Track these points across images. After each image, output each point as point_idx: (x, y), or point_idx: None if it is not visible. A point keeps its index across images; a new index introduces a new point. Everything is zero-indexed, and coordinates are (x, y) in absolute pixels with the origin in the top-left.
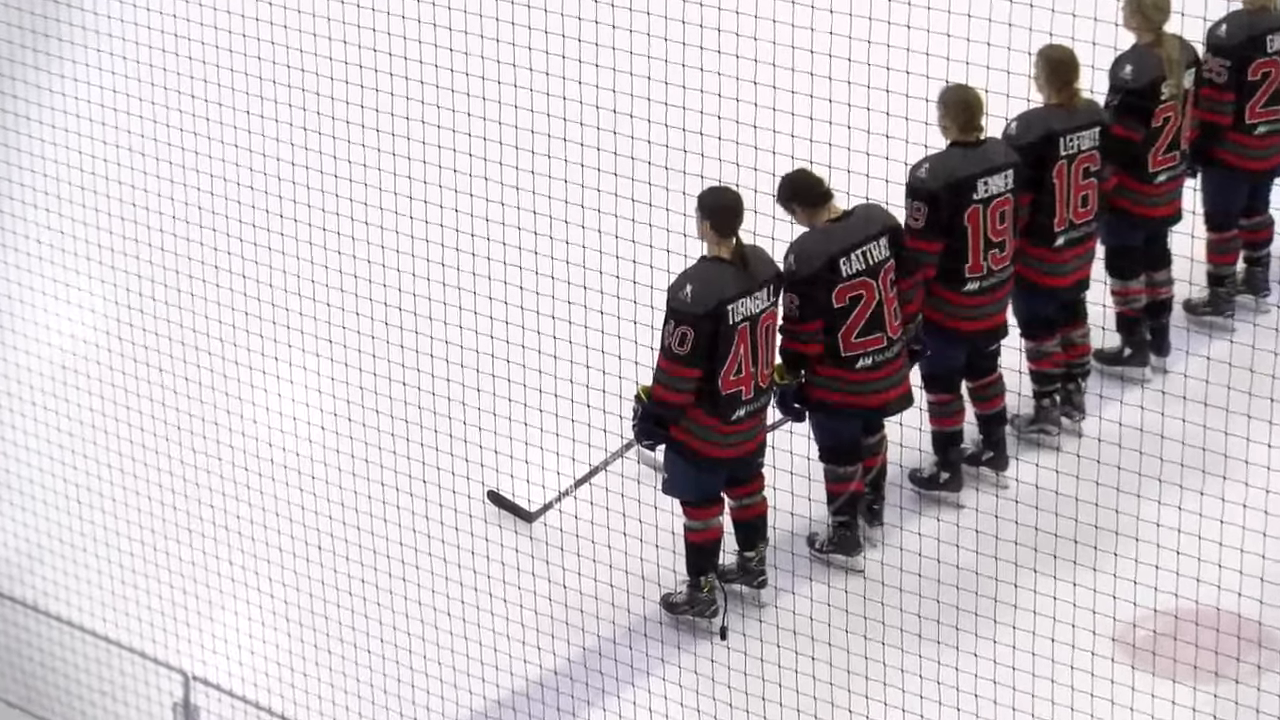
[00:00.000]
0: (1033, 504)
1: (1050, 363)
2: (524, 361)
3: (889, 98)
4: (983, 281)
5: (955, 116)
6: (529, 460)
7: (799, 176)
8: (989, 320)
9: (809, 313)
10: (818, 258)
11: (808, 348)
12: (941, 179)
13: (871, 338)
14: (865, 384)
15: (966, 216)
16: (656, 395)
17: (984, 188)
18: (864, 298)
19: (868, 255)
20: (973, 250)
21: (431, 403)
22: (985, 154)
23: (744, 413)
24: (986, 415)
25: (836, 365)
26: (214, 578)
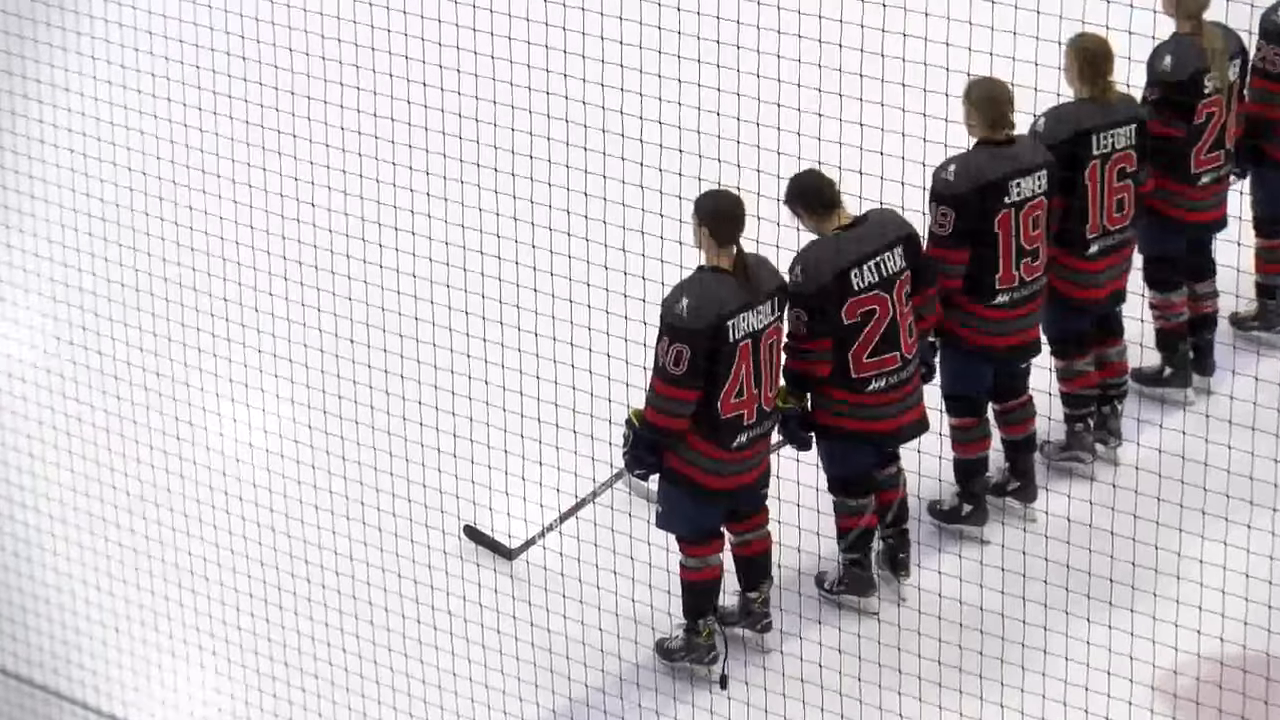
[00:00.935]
0: (1064, 539)
1: (1083, 383)
2: (504, 382)
3: (905, 91)
4: (1014, 293)
5: (983, 112)
6: (509, 492)
7: (806, 178)
8: (1020, 336)
9: (817, 330)
10: (827, 270)
11: (815, 368)
12: (970, 181)
13: (885, 357)
14: (878, 408)
15: (997, 222)
16: (649, 419)
17: (1016, 190)
18: (877, 313)
19: (882, 266)
20: (1004, 259)
21: (401, 428)
22: (1016, 153)
23: (746, 439)
24: (1015, 441)
25: (846, 387)
26: (165, 621)
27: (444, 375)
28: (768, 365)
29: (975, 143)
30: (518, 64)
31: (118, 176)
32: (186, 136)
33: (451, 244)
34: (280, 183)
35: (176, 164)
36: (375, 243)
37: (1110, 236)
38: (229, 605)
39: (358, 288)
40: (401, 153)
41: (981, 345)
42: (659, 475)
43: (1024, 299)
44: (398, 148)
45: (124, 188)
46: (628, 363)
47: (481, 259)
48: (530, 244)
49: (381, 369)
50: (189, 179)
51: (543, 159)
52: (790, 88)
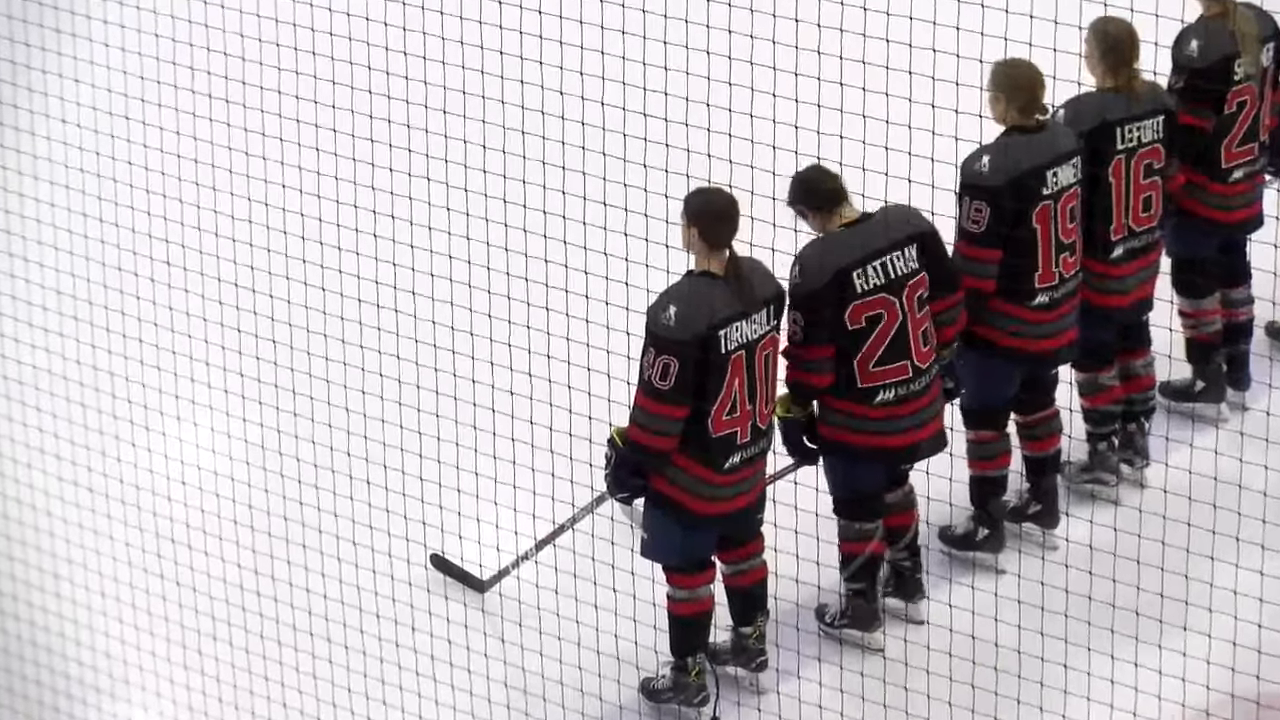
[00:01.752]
0: (1086, 568)
1: (1107, 398)
2: (474, 398)
3: (912, 80)
4: (1054, 292)
5: (1014, 97)
6: (480, 518)
7: (807, 173)
8: (1058, 338)
9: (816, 335)
10: (825, 269)
11: (816, 378)
12: (1006, 173)
13: (893, 366)
14: (887, 421)
15: (1035, 216)
16: (633, 438)
17: (1053, 180)
18: (884, 318)
19: (889, 267)
20: (1043, 256)
21: (363, 448)
22: (1051, 140)
23: (739, 459)
24: (1038, 459)
25: (852, 399)
26: (104, 660)
27: (408, 390)
28: (763, 379)
29: (1004, 130)
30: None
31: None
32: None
33: (418, 248)
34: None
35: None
36: (335, 246)
37: (1136, 238)
38: (175, 643)
39: (315, 296)
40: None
41: (1014, 349)
42: (644, 499)
43: (1063, 298)
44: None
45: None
46: (609, 376)
47: (450, 264)
48: (503, 248)
49: (340, 384)
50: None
51: (516, 154)
52: (787, 76)
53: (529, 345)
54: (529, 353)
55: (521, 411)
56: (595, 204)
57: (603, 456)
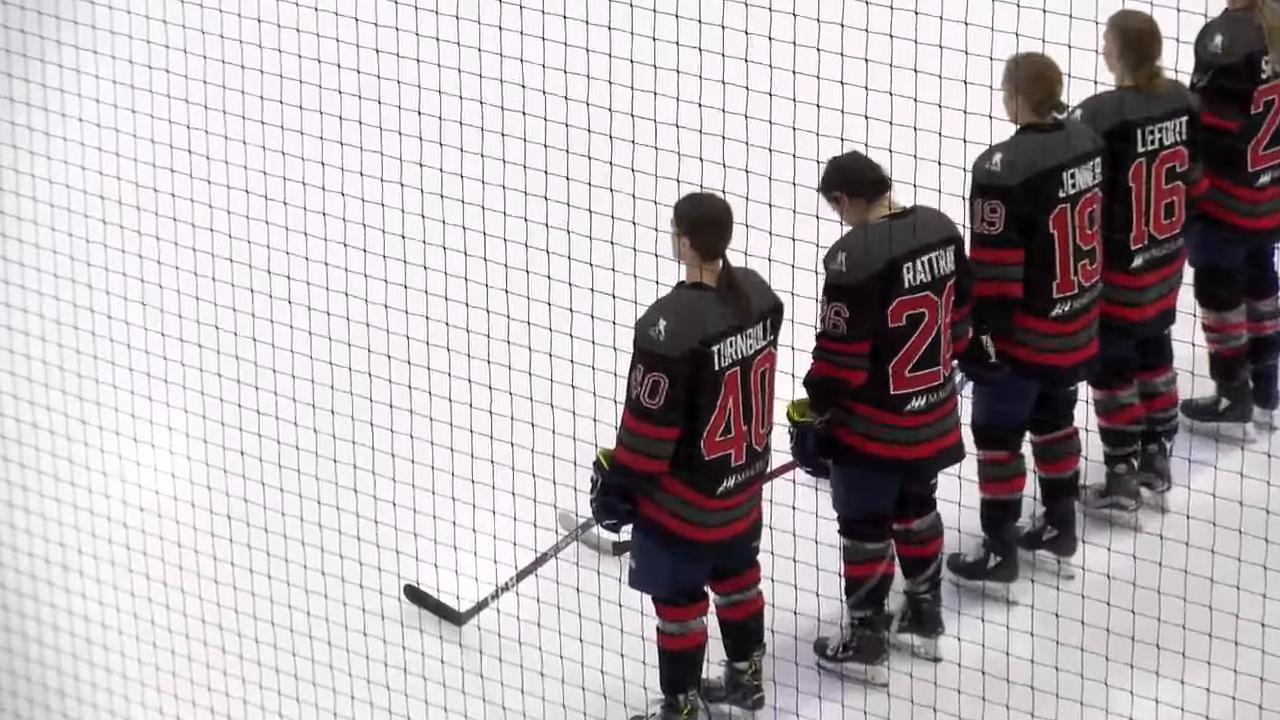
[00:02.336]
0: (1104, 599)
1: (1126, 418)
2: (450, 418)
3: (918, 79)
4: (1073, 302)
5: (1030, 92)
6: (457, 546)
7: (849, 158)
8: (1077, 353)
9: (860, 329)
10: (877, 258)
11: (853, 375)
12: (1020, 172)
13: (927, 372)
14: (913, 430)
15: (1052, 220)
16: (621, 461)
17: (1070, 182)
18: (925, 319)
19: (935, 264)
20: (1061, 263)
21: (331, 471)
22: (1068, 139)
23: (734, 483)
24: (1054, 481)
25: (880, 405)
26: (56, 698)
27: (380, 410)
28: (759, 398)
29: (1019, 128)
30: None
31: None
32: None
33: (391, 258)
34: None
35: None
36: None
37: (1157, 246)
38: (132, 679)
39: (281, 309)
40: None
41: (1030, 363)
42: (632, 526)
43: (1082, 309)
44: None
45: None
46: (595, 395)
47: (425, 275)
48: (481, 258)
49: (308, 403)
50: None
51: (494, 158)
52: (784, 73)
53: (509, 362)
54: (509, 370)
55: (501, 432)
56: (579, 211)
57: (588, 480)
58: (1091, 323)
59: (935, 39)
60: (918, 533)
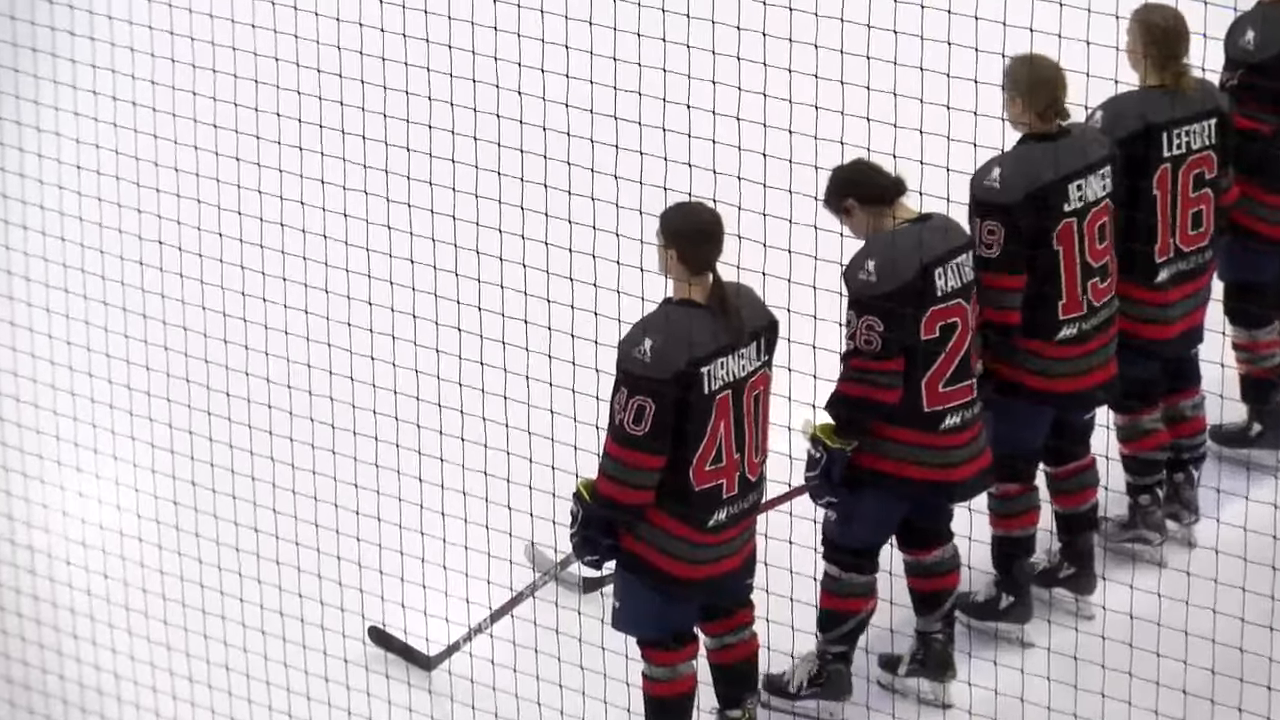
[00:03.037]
0: (1126, 640)
1: (1151, 444)
2: (418, 445)
3: (924, 78)
4: (1083, 323)
5: (1030, 98)
6: (426, 584)
7: (857, 164)
8: (1090, 377)
9: (893, 344)
10: (909, 264)
11: (889, 395)
12: (1021, 187)
13: (961, 386)
14: (947, 452)
15: (1057, 236)
16: (603, 492)
17: (1077, 194)
18: (957, 328)
19: (962, 270)
20: (1068, 282)
21: (291, 504)
22: (1075, 147)
23: (725, 516)
24: (1070, 515)
25: (914, 425)
26: None
27: (342, 438)
28: (753, 423)
29: (1020, 138)
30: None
31: None
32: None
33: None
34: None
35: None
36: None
37: (1184, 260)
38: None
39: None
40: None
41: (1038, 390)
42: (615, 563)
43: (1095, 329)
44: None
45: None
46: (575, 421)
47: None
48: (452, 271)
49: (264, 429)
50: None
51: (466, 164)
52: (779, 72)
53: (482, 385)
54: (482, 393)
55: (473, 461)
56: (558, 221)
57: (568, 513)
58: (1107, 344)
59: (943, 34)
60: (933, 565)
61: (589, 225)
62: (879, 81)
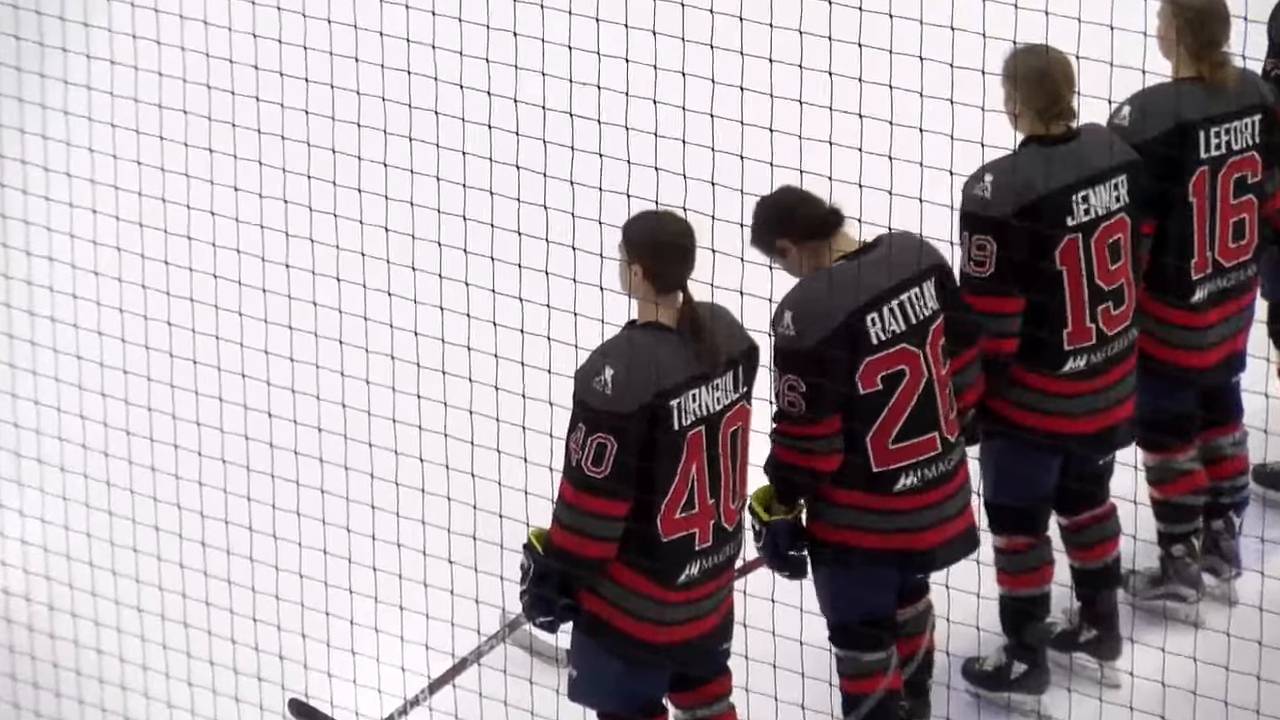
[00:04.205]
0: (1157, 712)
1: (1185, 487)
2: (347, 491)
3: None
4: (1091, 355)
5: (1030, 95)
6: (356, 650)
7: (783, 196)
8: (1104, 416)
9: (823, 405)
10: (831, 313)
11: (823, 462)
12: (1016, 197)
13: (918, 440)
14: (910, 515)
15: (1059, 254)
16: (557, 544)
17: (1083, 206)
18: (905, 376)
19: (910, 308)
20: (1074, 307)
21: (200, 558)
22: (1081, 152)
23: (698, 571)
24: (1089, 571)
25: (864, 487)
26: None
27: (259, 483)
28: (730, 464)
29: (1021, 141)
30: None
31: None
32: None
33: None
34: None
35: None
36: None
37: (1224, 276)
38: None
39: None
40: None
41: (1045, 431)
42: (573, 625)
43: (1107, 362)
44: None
45: None
46: (526, 462)
47: (314, 314)
48: (385, 291)
49: (170, 473)
50: None
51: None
52: (758, 62)
53: (419, 420)
54: (419, 430)
55: (411, 509)
56: (506, 233)
57: (518, 568)
58: (1123, 378)
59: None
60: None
61: (540, 238)
62: (873, 72)
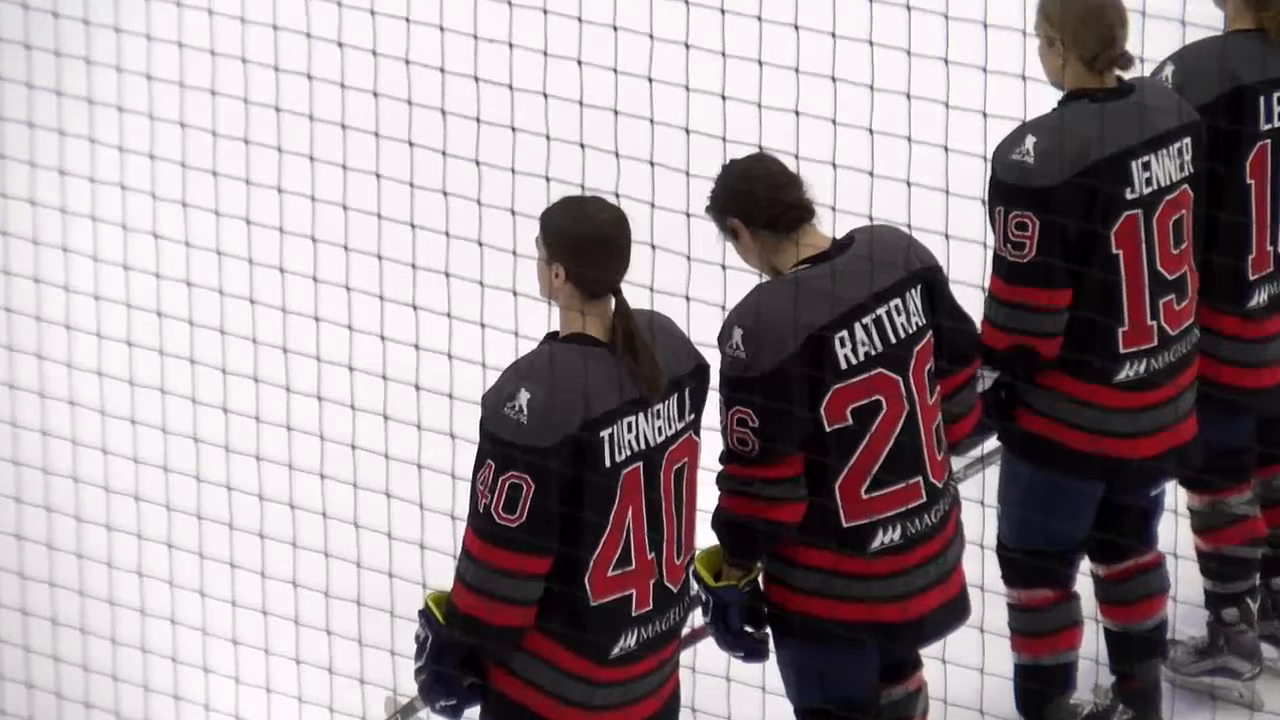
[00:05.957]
0: None
1: (1239, 537)
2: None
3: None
4: (1152, 360)
5: (1079, 39)
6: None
7: (749, 166)
8: (1162, 436)
9: (776, 443)
10: (791, 332)
11: (780, 512)
12: (1067, 164)
13: (898, 488)
14: (887, 580)
15: (1116, 234)
16: (462, 609)
17: (1143, 175)
18: (882, 409)
19: (888, 325)
20: (1132, 300)
21: (19, 628)
22: (1142, 109)
23: (635, 643)
24: (1130, 635)
25: (832, 545)
26: None
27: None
28: (673, 509)
29: (1065, 94)
30: None
31: None
32: None
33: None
34: None
35: None
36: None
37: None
38: None
39: None
40: None
41: (1086, 455)
42: (480, 710)
43: (1169, 369)
44: None
45: None
46: (421, 507)
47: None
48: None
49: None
50: None
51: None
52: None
53: (289, 458)
54: (289, 469)
55: (277, 567)
56: (396, 225)
57: (412, 639)
58: (1183, 390)
59: None
60: (889, 708)
61: (439, 230)
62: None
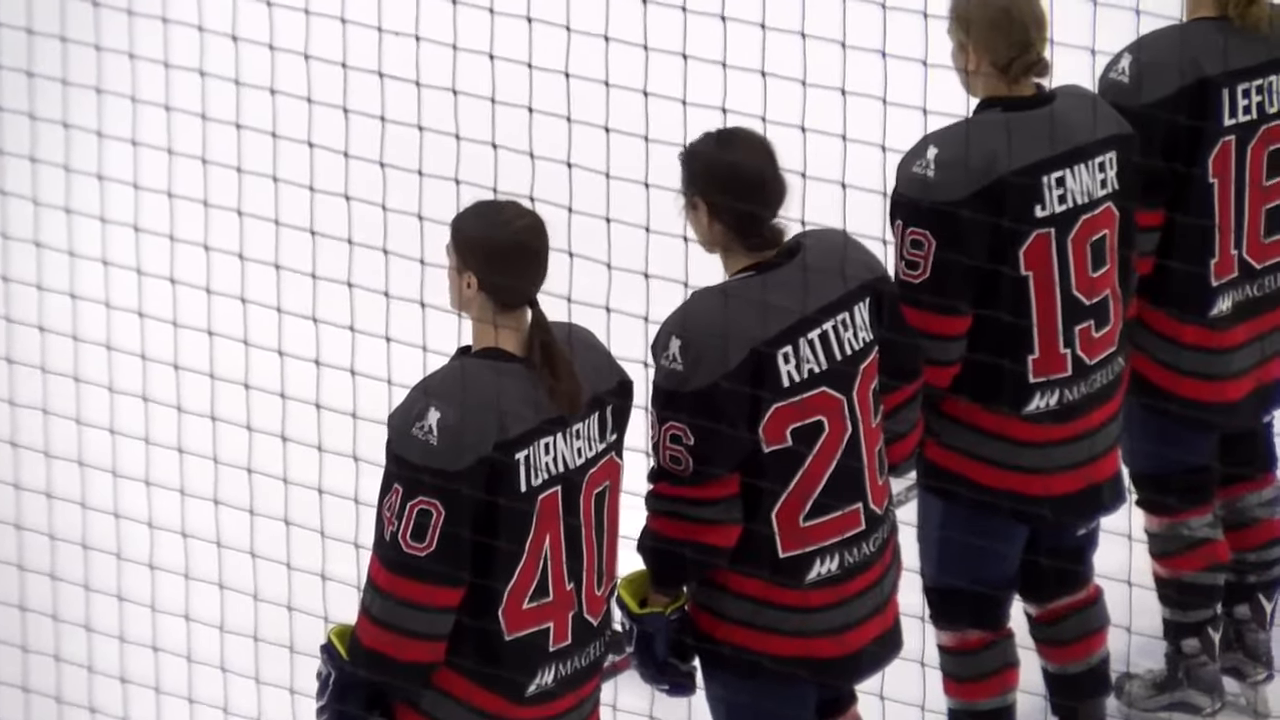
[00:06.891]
0: None
1: (1200, 561)
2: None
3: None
4: (1066, 391)
5: (989, 44)
6: None
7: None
8: (1082, 473)
9: (712, 462)
10: (733, 345)
11: (715, 536)
12: (968, 178)
13: (838, 515)
14: (823, 612)
15: (1024, 255)
16: (367, 645)
17: (1058, 192)
18: (824, 431)
19: (833, 341)
20: (1042, 327)
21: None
22: (1057, 120)
23: (553, 680)
24: (1068, 676)
25: (766, 576)
26: None
27: None
28: (594, 536)
29: (978, 103)
30: None
31: None
32: None
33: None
34: None
35: None
36: None
37: (1254, 281)
38: None
39: None
40: None
41: (1007, 492)
42: None
43: (1087, 400)
44: None
45: None
46: (323, 535)
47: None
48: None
49: None
50: None
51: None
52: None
53: (180, 482)
54: (181, 495)
55: (168, 599)
56: (294, 232)
57: (314, 677)
58: (1108, 421)
59: None
60: None
61: (340, 238)
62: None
